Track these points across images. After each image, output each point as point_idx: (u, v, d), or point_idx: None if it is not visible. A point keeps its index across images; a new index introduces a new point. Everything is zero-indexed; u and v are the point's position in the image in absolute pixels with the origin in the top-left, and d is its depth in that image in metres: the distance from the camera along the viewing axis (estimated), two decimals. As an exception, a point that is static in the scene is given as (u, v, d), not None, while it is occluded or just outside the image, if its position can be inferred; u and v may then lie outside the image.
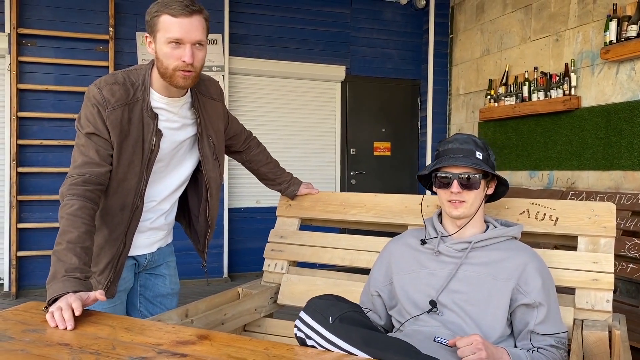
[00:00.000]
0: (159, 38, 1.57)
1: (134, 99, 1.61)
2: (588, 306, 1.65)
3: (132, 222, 1.67)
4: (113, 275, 1.66)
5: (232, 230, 5.47)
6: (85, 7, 4.98)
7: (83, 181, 1.52)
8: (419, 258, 1.63)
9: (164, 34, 1.56)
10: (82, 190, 1.51)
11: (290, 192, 2.19)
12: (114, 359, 1.08)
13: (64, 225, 1.45)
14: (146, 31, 1.62)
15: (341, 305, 1.27)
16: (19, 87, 4.75)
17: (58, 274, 1.38)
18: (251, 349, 1.14)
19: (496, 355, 1.36)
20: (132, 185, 1.64)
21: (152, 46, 1.61)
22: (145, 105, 1.63)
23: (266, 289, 2.09)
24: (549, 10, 4.78)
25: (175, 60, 1.56)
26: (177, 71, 1.58)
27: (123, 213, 1.65)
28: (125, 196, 1.64)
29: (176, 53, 1.56)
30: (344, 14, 5.98)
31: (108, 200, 1.64)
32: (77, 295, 1.33)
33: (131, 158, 1.62)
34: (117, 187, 1.63)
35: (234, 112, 5.49)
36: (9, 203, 4.73)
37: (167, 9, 1.55)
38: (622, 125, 4.05)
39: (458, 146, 1.60)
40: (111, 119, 1.57)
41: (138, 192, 1.66)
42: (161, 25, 1.56)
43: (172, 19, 1.54)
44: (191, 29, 1.56)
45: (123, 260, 1.68)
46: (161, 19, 1.55)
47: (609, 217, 1.71)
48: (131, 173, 1.63)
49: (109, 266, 1.65)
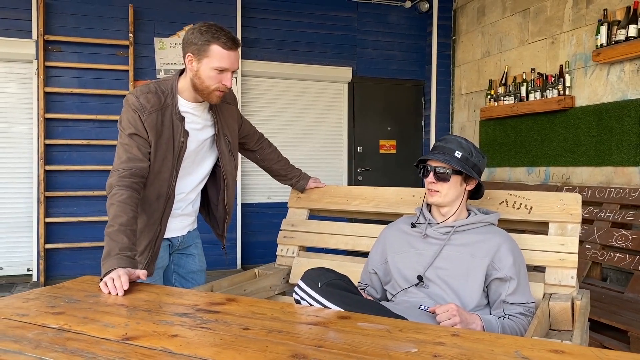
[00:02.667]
0: (205, 62, 1.84)
1: (165, 105, 1.91)
2: (556, 282, 1.92)
3: (166, 209, 1.97)
4: (151, 255, 1.96)
5: (245, 225, 5.78)
6: (107, 14, 5.29)
7: (130, 174, 1.80)
8: (410, 240, 1.91)
9: (213, 61, 1.84)
10: (130, 182, 1.78)
11: (300, 186, 2.49)
12: (162, 314, 1.37)
13: (116, 211, 1.72)
14: (189, 51, 1.86)
15: (328, 274, 1.56)
16: (46, 90, 5.07)
17: (112, 252, 1.66)
18: (270, 307, 1.43)
19: (469, 320, 1.64)
20: (165, 178, 1.93)
21: (193, 64, 1.87)
22: (174, 109, 1.93)
23: (279, 270, 2.39)
24: (545, 14, 5.02)
25: (217, 82, 1.87)
26: (216, 91, 1.89)
27: (159, 202, 1.94)
28: (160, 187, 1.94)
29: (219, 77, 1.86)
30: (351, 17, 6.25)
31: (146, 191, 1.92)
32: (126, 270, 1.62)
33: (164, 154, 1.92)
34: (154, 179, 1.92)
35: (246, 112, 5.79)
36: (37, 199, 5.06)
37: (218, 40, 1.83)
38: (613, 124, 4.30)
39: (443, 144, 1.88)
40: (148, 121, 1.87)
41: (170, 184, 1.95)
42: (211, 53, 1.83)
43: (223, 51, 1.84)
44: (235, 60, 1.88)
45: (159, 243, 1.98)
46: (212, 47, 1.83)
47: (575, 206, 1.98)
48: (165, 167, 1.93)
49: (148, 247, 1.95)
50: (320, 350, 1.11)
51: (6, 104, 5.14)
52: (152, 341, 1.17)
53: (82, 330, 1.25)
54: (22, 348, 1.13)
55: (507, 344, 1.16)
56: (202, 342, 1.17)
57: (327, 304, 1.48)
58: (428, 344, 1.16)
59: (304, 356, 1.08)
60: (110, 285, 1.57)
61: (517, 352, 1.10)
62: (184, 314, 1.38)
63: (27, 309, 1.41)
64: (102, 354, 1.09)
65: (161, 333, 1.22)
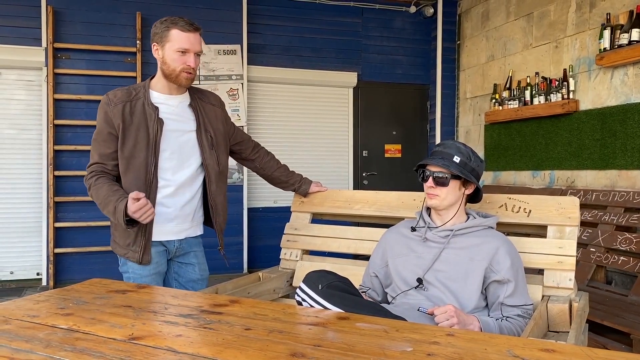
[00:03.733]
0: (168, 47, 2.04)
1: (135, 98, 2.08)
2: (554, 284, 1.95)
3: (151, 195, 2.06)
4: (144, 243, 2.06)
5: (251, 229, 5.83)
6: (115, 22, 5.38)
7: (94, 173, 2.06)
8: (410, 244, 1.95)
9: (174, 44, 2.03)
10: (94, 176, 2.06)
11: (302, 190, 2.53)
12: (167, 315, 1.42)
13: (95, 191, 2.03)
14: (154, 41, 2.08)
15: (329, 276, 1.61)
16: (55, 97, 5.16)
17: (114, 203, 1.94)
18: (272, 308, 1.47)
19: (467, 321, 1.68)
20: (140, 162, 2.05)
21: (159, 53, 2.07)
22: (146, 101, 2.09)
23: (283, 273, 2.43)
24: (549, 18, 5.05)
25: (181, 64, 2.05)
26: (182, 72, 2.06)
27: (139, 187, 2.04)
28: (138, 172, 2.05)
29: (182, 59, 2.04)
30: (356, 23, 6.30)
31: (125, 178, 2.06)
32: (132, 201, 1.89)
33: (135, 140, 2.05)
34: (128, 165, 2.05)
35: (253, 117, 5.85)
36: (47, 204, 5.14)
37: (176, 25, 2.04)
38: (617, 127, 4.31)
39: (442, 149, 1.91)
40: (114, 112, 2.04)
41: (149, 170, 2.05)
42: (172, 37, 2.03)
43: (182, 34, 2.04)
44: (195, 42, 2.07)
45: (150, 230, 2.07)
46: (172, 31, 2.04)
47: (573, 210, 2.01)
48: (137, 151, 2.05)
49: (139, 234, 2.05)
50: (319, 349, 1.16)
51: (16, 111, 5.22)
52: (157, 341, 1.21)
53: (90, 330, 1.29)
54: (33, 347, 1.18)
55: (500, 344, 1.19)
56: (205, 342, 1.21)
57: (327, 305, 1.52)
58: (423, 344, 1.19)
59: (302, 355, 1.12)
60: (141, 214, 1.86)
61: (509, 351, 1.14)
62: (188, 315, 1.43)
63: (38, 311, 1.46)
64: (109, 353, 1.14)
65: (166, 333, 1.27)
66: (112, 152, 2.06)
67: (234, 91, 5.67)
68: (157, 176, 2.07)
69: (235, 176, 5.70)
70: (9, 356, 1.13)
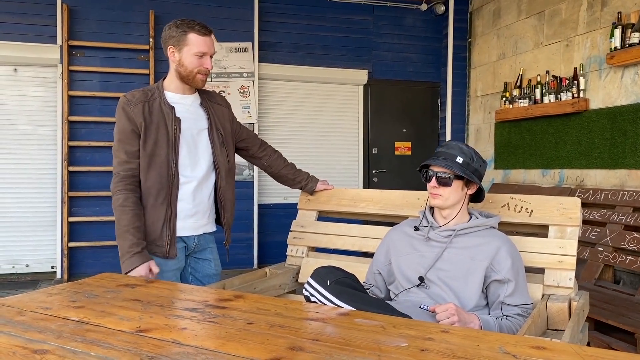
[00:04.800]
0: (186, 50, 2.11)
1: (151, 98, 2.15)
2: (554, 283, 1.98)
3: (173, 191, 2.13)
4: (169, 237, 2.12)
5: (261, 225, 5.90)
6: (128, 20, 5.46)
7: (122, 177, 2.08)
8: (413, 243, 1.99)
9: (192, 47, 2.11)
10: (123, 184, 2.08)
11: (309, 188, 2.58)
12: (174, 309, 1.48)
13: (117, 215, 2.06)
14: (170, 44, 2.13)
15: (337, 272, 1.65)
16: (70, 93, 5.25)
17: (124, 252, 1.96)
18: (274, 304, 1.52)
19: (467, 319, 1.71)
20: (162, 159, 2.11)
21: (175, 55, 2.13)
22: (162, 101, 2.15)
23: (289, 270, 2.48)
24: (560, 17, 5.04)
25: (199, 66, 2.14)
26: (199, 74, 2.15)
27: (162, 183, 2.11)
28: (159, 168, 2.11)
29: (200, 61, 2.13)
30: (367, 20, 6.33)
31: (148, 175, 2.11)
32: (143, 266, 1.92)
33: (156, 138, 2.11)
34: (150, 162, 2.10)
35: (263, 114, 5.91)
36: (61, 198, 5.24)
37: (193, 29, 2.11)
38: (627, 127, 4.30)
39: (444, 150, 1.95)
40: (135, 111, 2.10)
41: (170, 166, 2.11)
42: (189, 41, 2.11)
43: (199, 38, 2.12)
44: (211, 45, 2.17)
45: (174, 224, 2.14)
46: (189, 36, 2.11)
47: (575, 210, 2.03)
48: (159, 149, 2.11)
49: (164, 229, 2.12)
50: (317, 343, 1.20)
51: (32, 107, 5.33)
52: (162, 333, 1.27)
53: (100, 322, 1.35)
54: (46, 338, 1.24)
55: (493, 340, 1.23)
56: (209, 335, 1.26)
57: (335, 301, 1.56)
58: (418, 339, 1.23)
59: (301, 348, 1.16)
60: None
61: (500, 348, 1.18)
62: (193, 309, 1.48)
63: (51, 303, 1.53)
64: (117, 344, 1.20)
65: (171, 326, 1.33)
66: (137, 150, 2.11)
67: (245, 88, 5.73)
68: (178, 172, 2.14)
69: (245, 173, 5.76)
70: (23, 345, 1.19)
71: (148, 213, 2.12)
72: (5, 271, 5.30)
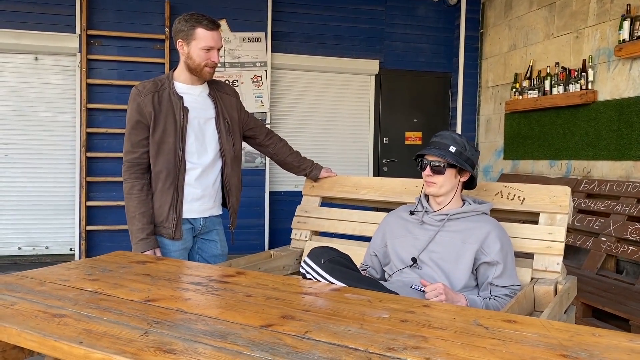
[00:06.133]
0: (194, 44, 2.22)
1: (161, 88, 2.28)
2: (542, 267, 2.07)
3: (180, 176, 2.27)
4: (176, 220, 2.26)
5: (272, 212, 6.03)
6: (145, 9, 5.59)
7: (130, 165, 2.25)
8: (408, 226, 2.10)
9: (200, 42, 2.21)
10: (131, 172, 2.24)
11: (313, 175, 2.70)
12: (180, 283, 1.61)
13: (125, 202, 2.26)
14: (179, 37, 2.25)
15: (331, 252, 1.77)
16: (88, 81, 5.41)
17: (132, 237, 2.19)
18: (272, 279, 1.65)
19: (455, 298, 1.82)
20: (170, 147, 2.24)
21: (184, 49, 2.25)
22: (172, 91, 2.29)
23: (293, 252, 2.61)
24: (571, 8, 5.05)
25: (206, 60, 2.25)
26: (206, 67, 2.26)
27: (170, 169, 2.25)
28: (167, 155, 2.24)
29: (207, 55, 2.24)
30: (379, 11, 6.38)
31: (157, 162, 2.25)
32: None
33: (164, 126, 2.24)
34: (159, 149, 2.24)
35: (276, 103, 6.02)
36: (79, 183, 5.43)
37: (200, 24, 2.21)
38: (633, 119, 4.33)
39: (438, 140, 2.05)
40: (145, 101, 2.23)
41: (177, 153, 2.25)
42: (197, 35, 2.21)
43: (207, 32, 2.22)
44: (218, 39, 2.27)
45: (180, 208, 2.28)
46: (197, 30, 2.21)
47: (564, 198, 2.12)
48: (167, 137, 2.24)
49: (170, 212, 2.26)
50: (307, 313, 1.32)
51: (52, 95, 5.51)
52: (169, 303, 1.40)
53: (112, 293, 1.49)
54: (64, 305, 1.38)
55: (469, 314, 1.34)
56: (210, 305, 1.39)
57: (329, 278, 1.68)
58: (400, 312, 1.35)
59: (291, 317, 1.29)
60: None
61: (474, 321, 1.29)
62: (198, 283, 1.61)
63: (69, 276, 1.67)
64: (127, 311, 1.33)
65: (177, 297, 1.46)
66: (141, 140, 2.24)
67: (258, 78, 5.84)
68: (184, 159, 2.27)
69: (257, 160, 5.89)
70: (44, 310, 1.33)
71: (156, 197, 2.26)
72: (26, 252, 5.51)
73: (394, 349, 1.09)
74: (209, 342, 1.11)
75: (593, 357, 1.06)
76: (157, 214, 2.26)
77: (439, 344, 1.12)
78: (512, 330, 1.22)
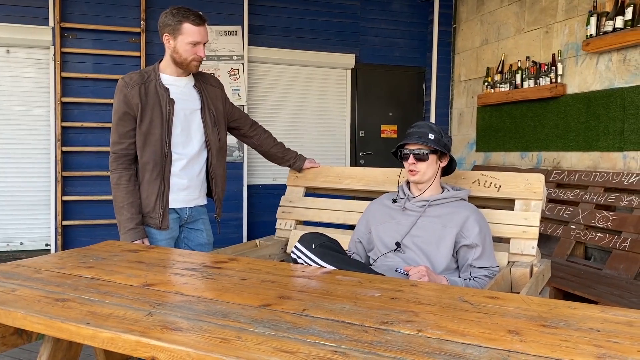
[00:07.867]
0: (180, 39, 2.25)
1: (147, 80, 2.31)
2: (518, 251, 2.18)
3: (166, 167, 2.31)
4: (162, 210, 2.30)
5: (250, 205, 6.07)
6: (120, 2, 5.54)
7: (117, 156, 2.28)
8: (391, 213, 2.18)
9: (187, 37, 2.25)
10: (118, 163, 2.28)
11: (297, 166, 2.76)
12: (175, 269, 1.65)
13: (113, 193, 2.29)
14: (165, 31, 2.27)
15: (321, 237, 1.84)
16: (62, 75, 5.34)
17: (121, 227, 2.22)
18: (265, 264, 1.71)
19: (437, 280, 1.92)
20: (157, 138, 2.28)
21: (170, 43, 2.28)
22: (158, 83, 2.32)
23: (278, 241, 2.67)
24: (541, 4, 5.21)
25: (192, 54, 2.29)
26: (193, 61, 2.30)
27: (156, 160, 2.29)
28: (154, 146, 2.28)
29: (194, 50, 2.28)
30: (354, 5, 6.45)
31: (144, 153, 2.28)
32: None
33: (151, 118, 2.28)
34: (146, 140, 2.28)
35: (253, 97, 6.05)
36: (55, 178, 5.37)
37: (188, 19, 2.25)
38: (600, 111, 4.51)
39: (416, 130, 2.14)
40: (132, 93, 2.27)
41: (164, 144, 2.29)
42: (184, 30, 2.25)
43: (193, 27, 2.26)
44: (205, 34, 2.31)
45: (167, 198, 2.32)
46: (184, 25, 2.24)
47: (539, 185, 2.23)
48: (154, 128, 2.28)
49: (157, 202, 2.30)
50: (302, 293, 1.39)
51: (25, 88, 5.42)
52: (167, 287, 1.45)
53: (110, 279, 1.53)
54: (64, 290, 1.41)
55: (454, 292, 1.43)
56: (208, 288, 1.45)
57: (320, 262, 1.75)
58: (390, 291, 1.43)
59: (288, 297, 1.35)
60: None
61: (460, 297, 1.37)
62: (192, 268, 1.66)
63: (63, 264, 1.70)
64: (128, 295, 1.37)
65: (174, 281, 1.51)
66: (129, 131, 2.27)
67: (235, 71, 5.86)
68: (171, 150, 2.31)
69: (235, 154, 5.91)
70: (45, 296, 1.36)
71: (143, 187, 2.30)
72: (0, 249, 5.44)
73: (387, 322, 1.16)
74: (213, 321, 1.17)
75: (570, 326, 1.15)
76: (144, 205, 2.30)
77: (429, 317, 1.20)
78: (496, 305, 1.31)
